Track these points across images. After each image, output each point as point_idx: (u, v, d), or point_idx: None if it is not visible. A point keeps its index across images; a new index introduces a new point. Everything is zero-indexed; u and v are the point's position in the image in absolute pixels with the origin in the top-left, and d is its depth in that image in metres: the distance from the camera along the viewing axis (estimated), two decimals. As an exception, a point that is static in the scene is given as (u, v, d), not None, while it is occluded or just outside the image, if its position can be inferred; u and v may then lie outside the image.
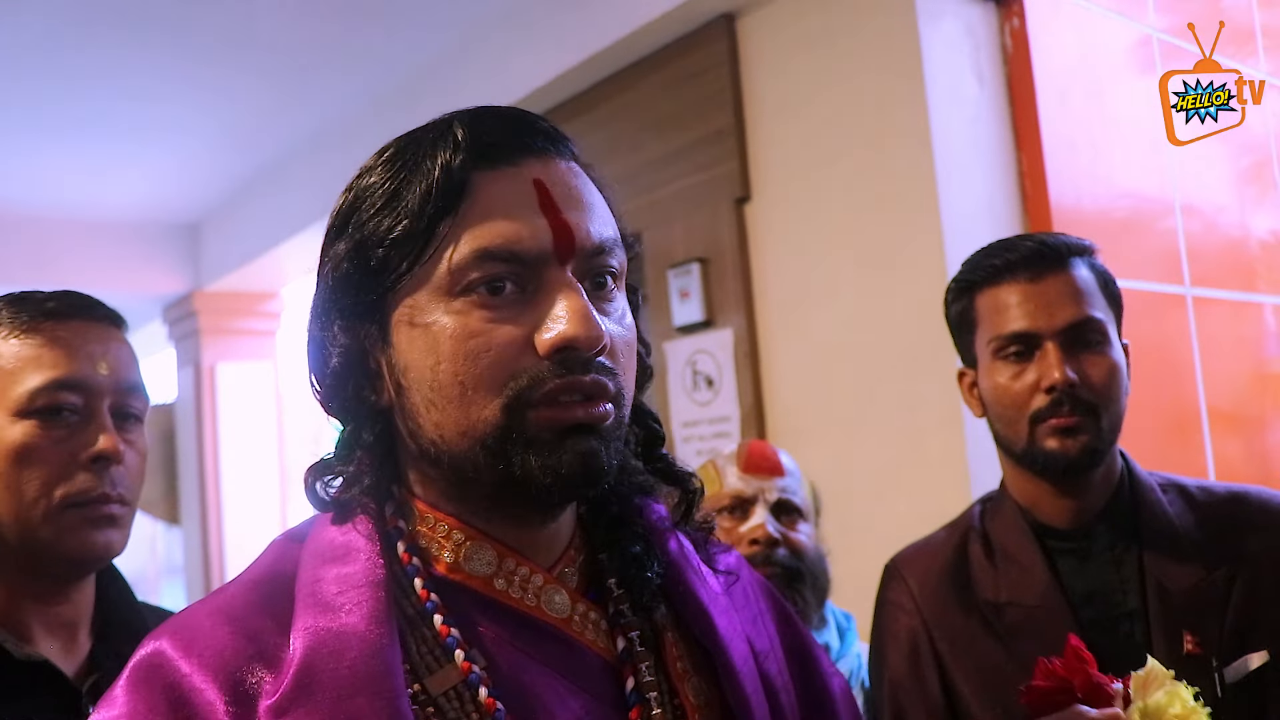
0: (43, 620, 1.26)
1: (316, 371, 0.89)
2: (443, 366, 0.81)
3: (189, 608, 0.86)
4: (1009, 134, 2.66)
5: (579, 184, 0.86)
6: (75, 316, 1.28)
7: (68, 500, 1.22)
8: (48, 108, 4.22)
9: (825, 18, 2.73)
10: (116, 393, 1.28)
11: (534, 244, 0.81)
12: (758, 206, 2.90)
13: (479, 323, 0.80)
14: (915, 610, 1.48)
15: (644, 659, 0.89)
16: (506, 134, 0.85)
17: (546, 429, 0.80)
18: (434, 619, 0.83)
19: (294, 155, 4.92)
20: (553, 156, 0.86)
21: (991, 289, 1.46)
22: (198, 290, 5.88)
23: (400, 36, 3.80)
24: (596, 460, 0.81)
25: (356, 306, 0.85)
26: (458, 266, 0.81)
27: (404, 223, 0.83)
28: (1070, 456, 1.39)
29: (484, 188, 0.83)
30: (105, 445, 1.24)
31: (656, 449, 0.97)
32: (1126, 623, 1.38)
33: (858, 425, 2.64)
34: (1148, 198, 2.90)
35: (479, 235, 0.81)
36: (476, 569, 0.86)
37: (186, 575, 6.03)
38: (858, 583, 1.92)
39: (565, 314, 0.80)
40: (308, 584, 0.83)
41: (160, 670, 0.79)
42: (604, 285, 0.85)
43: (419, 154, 0.85)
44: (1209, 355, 2.98)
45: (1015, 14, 2.65)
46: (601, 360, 0.82)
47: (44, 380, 1.23)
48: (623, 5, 3.11)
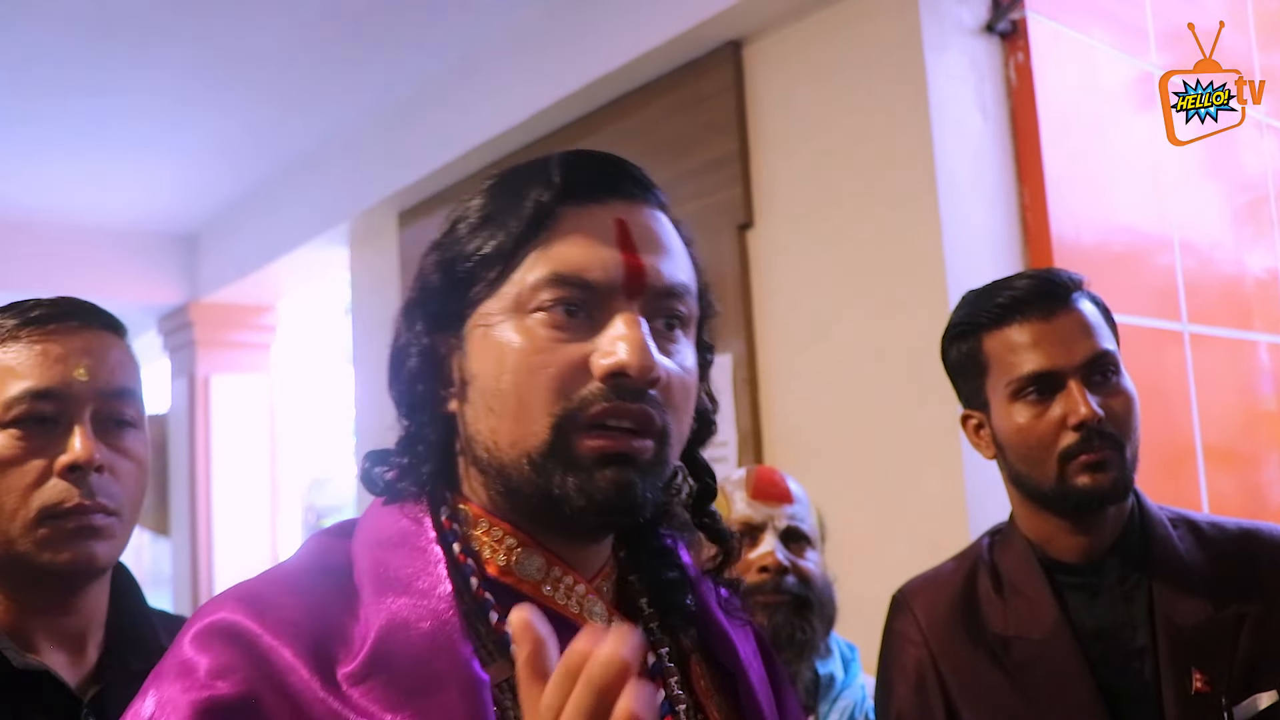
0: (47, 631, 1.25)
1: (394, 369, 0.94)
2: (505, 377, 0.85)
3: (244, 583, 0.86)
4: (1011, 167, 2.68)
5: (660, 229, 0.91)
6: (60, 322, 1.25)
7: (45, 511, 1.20)
8: (48, 118, 4.23)
9: (831, 47, 2.75)
10: (100, 399, 1.24)
11: (604, 275, 0.85)
12: (760, 233, 2.91)
13: (545, 340, 0.85)
14: (923, 642, 1.48)
15: (672, 674, 0.93)
16: (598, 174, 0.90)
17: (588, 453, 0.83)
18: (490, 616, 0.86)
19: (293, 170, 4.93)
20: (639, 201, 0.91)
21: (1000, 330, 1.45)
22: (194, 301, 5.88)
23: (402, 56, 3.81)
24: (632, 491, 0.84)
25: (440, 314, 0.91)
26: (532, 286, 0.85)
27: (492, 242, 0.88)
28: (1104, 490, 1.39)
29: (569, 220, 0.87)
30: (79, 454, 1.20)
31: (706, 504, 1.01)
32: (1136, 659, 1.38)
33: (856, 453, 2.64)
34: (1146, 234, 2.93)
35: (556, 260, 0.86)
36: (527, 573, 0.89)
37: (174, 586, 6.00)
38: (854, 611, 1.93)
39: (623, 342, 0.83)
40: (370, 569, 0.85)
41: (233, 630, 0.79)
42: (671, 328, 0.89)
43: (516, 186, 0.90)
44: (1204, 391, 2.99)
45: (1020, 48, 2.68)
46: (653, 394, 0.85)
47: (19, 390, 1.21)
48: (629, 30, 3.13)
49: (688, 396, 0.90)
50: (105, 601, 1.32)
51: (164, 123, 4.35)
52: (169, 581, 6.12)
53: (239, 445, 5.92)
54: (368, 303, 4.79)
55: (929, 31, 2.55)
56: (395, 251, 4.51)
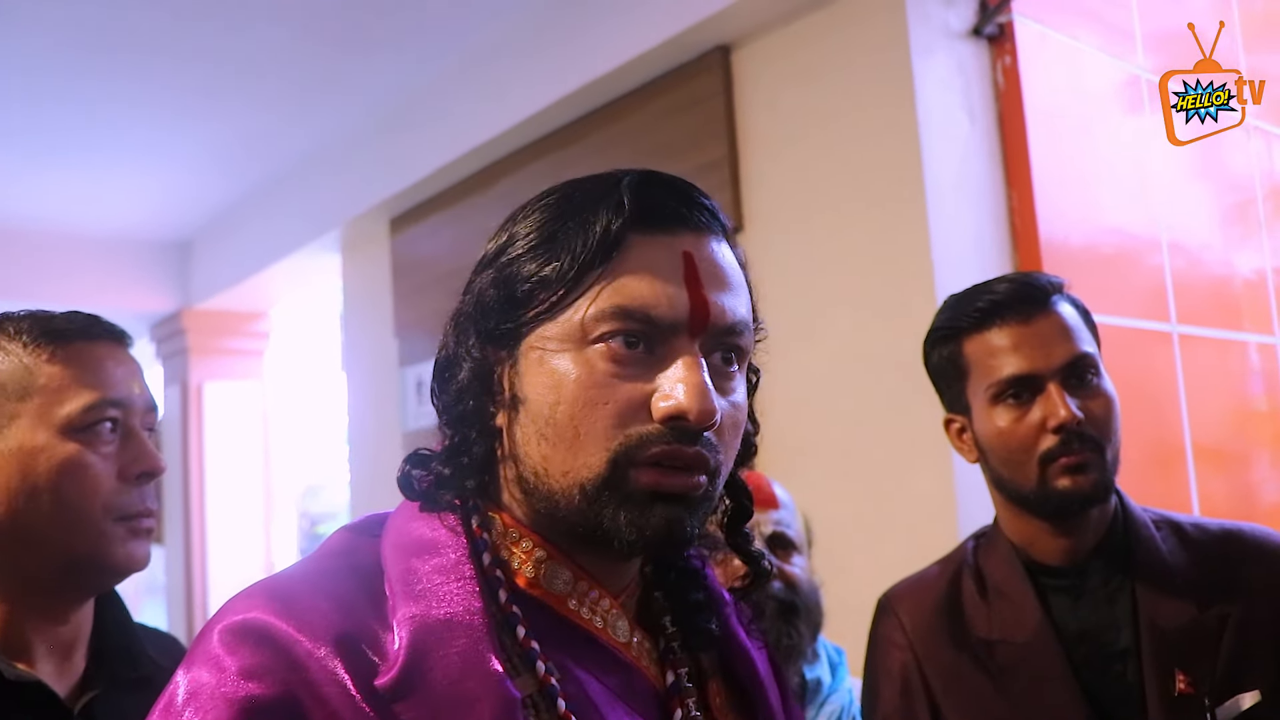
0: (40, 640, 1.26)
1: (440, 380, 0.93)
2: (562, 407, 0.84)
3: (271, 579, 0.85)
4: (999, 170, 2.68)
5: (724, 263, 0.89)
6: (101, 337, 1.32)
7: (118, 513, 1.26)
8: (40, 127, 4.23)
9: (820, 52, 2.76)
10: (145, 414, 1.33)
11: (669, 312, 0.84)
12: (749, 237, 2.92)
13: (605, 375, 0.84)
14: (908, 645, 1.49)
15: (691, 694, 0.94)
16: (669, 203, 0.88)
17: (643, 490, 0.83)
18: (517, 630, 0.86)
19: (286, 177, 4.94)
20: (707, 233, 0.89)
21: (980, 334, 1.45)
22: (187, 308, 5.88)
23: (395, 62, 3.82)
24: (681, 528, 0.84)
25: (495, 331, 0.89)
26: (594, 316, 0.84)
27: (555, 265, 0.86)
28: (1084, 493, 1.39)
29: (636, 249, 0.86)
30: (155, 463, 1.30)
31: (741, 524, 1.01)
32: (1119, 661, 1.38)
33: (845, 455, 2.64)
34: (1135, 235, 2.93)
35: (620, 292, 0.84)
36: (555, 587, 0.89)
37: (168, 595, 5.99)
38: (843, 616, 1.93)
39: (684, 385, 0.83)
40: (400, 576, 0.84)
41: (265, 631, 0.78)
42: (729, 363, 0.89)
43: (582, 207, 0.88)
44: (1194, 392, 3.00)
45: (1007, 51, 2.69)
46: (709, 436, 0.85)
47: (91, 399, 1.26)
48: (618, 35, 3.14)
49: (737, 433, 0.90)
50: (91, 611, 1.34)
51: (156, 130, 4.36)
52: (163, 589, 6.12)
53: (232, 452, 5.92)
54: (360, 309, 4.79)
55: (916, 35, 2.56)
56: (387, 258, 4.52)
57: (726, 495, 0.99)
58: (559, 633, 0.88)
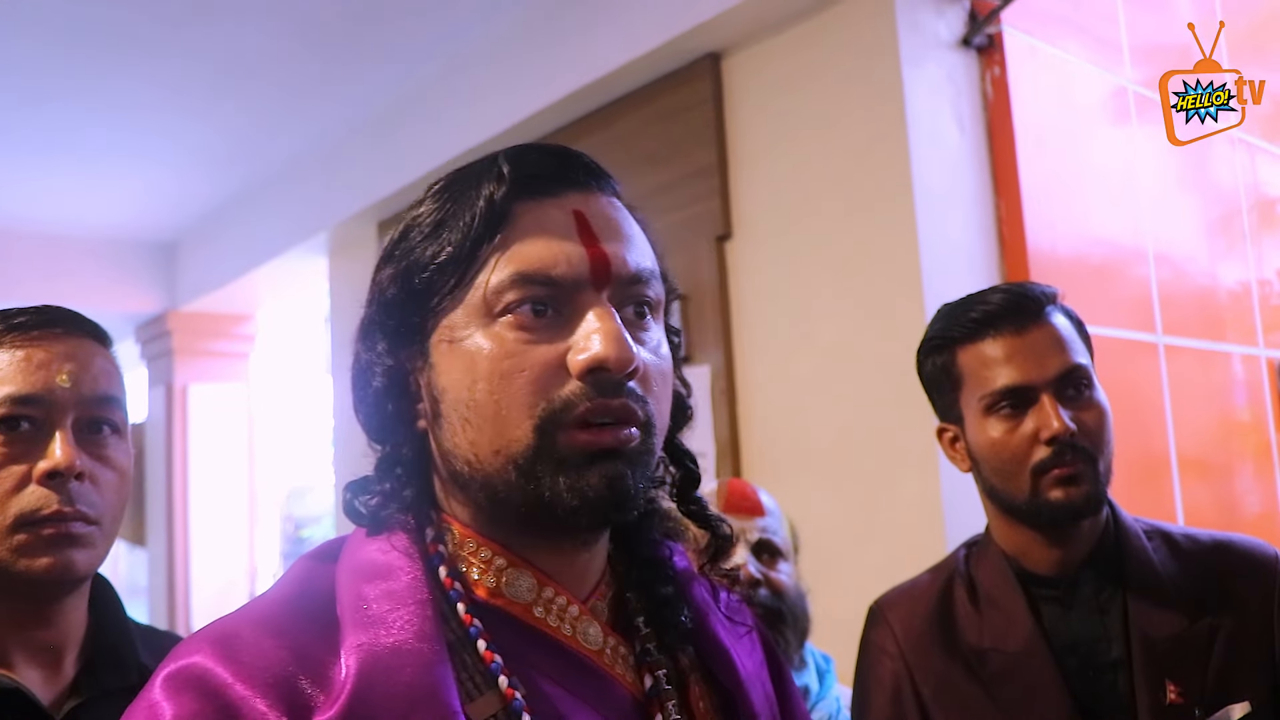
0: (23, 645, 1.22)
1: (359, 391, 0.91)
2: (479, 386, 0.83)
3: (223, 620, 0.83)
4: (988, 180, 2.70)
5: (618, 217, 0.89)
6: (44, 329, 1.24)
7: (22, 518, 1.17)
8: (25, 127, 4.21)
9: (810, 60, 2.77)
10: (82, 406, 1.23)
11: (570, 269, 0.83)
12: (738, 244, 2.92)
13: (515, 344, 0.82)
14: (899, 654, 1.48)
15: (670, 697, 0.90)
16: (549, 167, 0.88)
17: (576, 451, 0.81)
18: (477, 644, 0.83)
19: (273, 179, 4.92)
20: (594, 190, 0.89)
21: (973, 344, 1.46)
22: (172, 310, 5.85)
23: (381, 66, 3.81)
24: (623, 484, 0.82)
25: (400, 329, 0.88)
26: (496, 289, 0.83)
27: (448, 248, 0.85)
28: (1076, 505, 1.39)
29: (525, 216, 0.85)
30: (58, 460, 1.19)
31: (692, 490, 0.99)
32: (1110, 671, 1.38)
33: (834, 465, 2.65)
34: (1121, 246, 2.95)
35: (517, 259, 0.83)
36: (517, 595, 0.87)
37: (150, 597, 5.95)
38: (831, 622, 1.93)
39: (599, 335, 0.82)
40: (351, 602, 0.82)
41: (202, 680, 0.76)
42: (641, 315, 0.87)
43: (465, 186, 0.87)
44: (1179, 402, 3.02)
45: (996, 62, 2.70)
46: (632, 386, 0.83)
47: (0, 395, 1.19)
48: (608, 42, 3.14)
49: (665, 383, 0.88)
50: (84, 615, 1.30)
51: (142, 131, 4.34)
52: (145, 592, 6.08)
53: (217, 455, 5.89)
54: (346, 312, 4.77)
55: (906, 45, 2.57)
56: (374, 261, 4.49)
57: (671, 462, 0.97)
58: (524, 643, 0.85)
